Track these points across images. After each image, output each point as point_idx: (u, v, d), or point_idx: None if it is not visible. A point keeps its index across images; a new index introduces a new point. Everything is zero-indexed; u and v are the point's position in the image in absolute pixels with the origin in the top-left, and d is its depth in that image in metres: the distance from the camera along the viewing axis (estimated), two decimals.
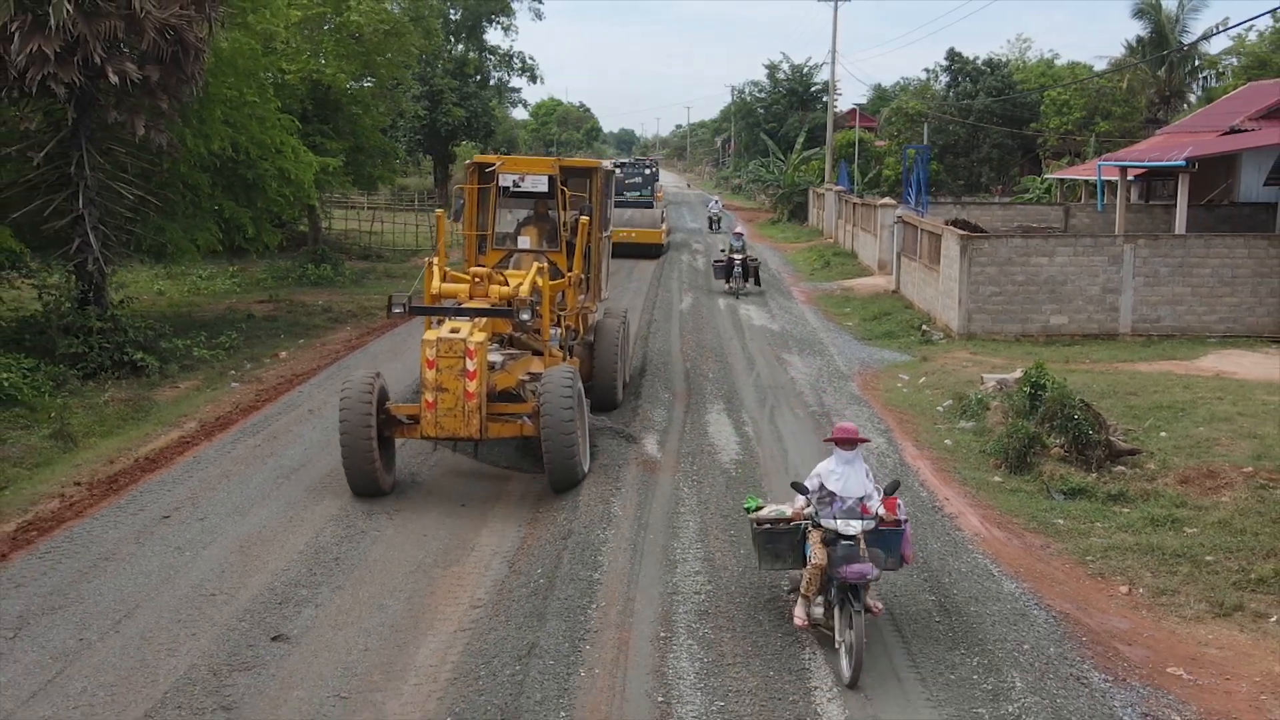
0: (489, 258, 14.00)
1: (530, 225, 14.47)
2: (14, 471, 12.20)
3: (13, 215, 17.61)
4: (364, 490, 10.71)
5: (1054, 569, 9.58)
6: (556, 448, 10.57)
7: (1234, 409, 14.48)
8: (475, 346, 10.48)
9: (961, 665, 7.30)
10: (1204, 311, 20.63)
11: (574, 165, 14.92)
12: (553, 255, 13.78)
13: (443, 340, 10.49)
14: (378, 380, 10.90)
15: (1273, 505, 10.89)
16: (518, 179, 13.87)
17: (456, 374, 10.45)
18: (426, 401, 10.52)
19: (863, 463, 8.04)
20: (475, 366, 10.45)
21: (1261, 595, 8.94)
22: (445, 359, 10.45)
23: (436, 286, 11.86)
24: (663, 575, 8.93)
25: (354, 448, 10.47)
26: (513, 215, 14.97)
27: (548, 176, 13.83)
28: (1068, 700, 6.95)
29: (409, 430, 11.01)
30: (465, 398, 10.46)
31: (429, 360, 10.47)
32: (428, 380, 10.52)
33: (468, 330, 10.70)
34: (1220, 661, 7.90)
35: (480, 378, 10.50)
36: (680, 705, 6.90)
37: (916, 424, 14.50)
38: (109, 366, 17.08)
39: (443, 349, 10.45)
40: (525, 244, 14.08)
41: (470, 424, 10.54)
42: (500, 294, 11.68)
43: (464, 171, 14.67)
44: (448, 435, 10.68)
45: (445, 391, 10.47)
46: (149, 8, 16.43)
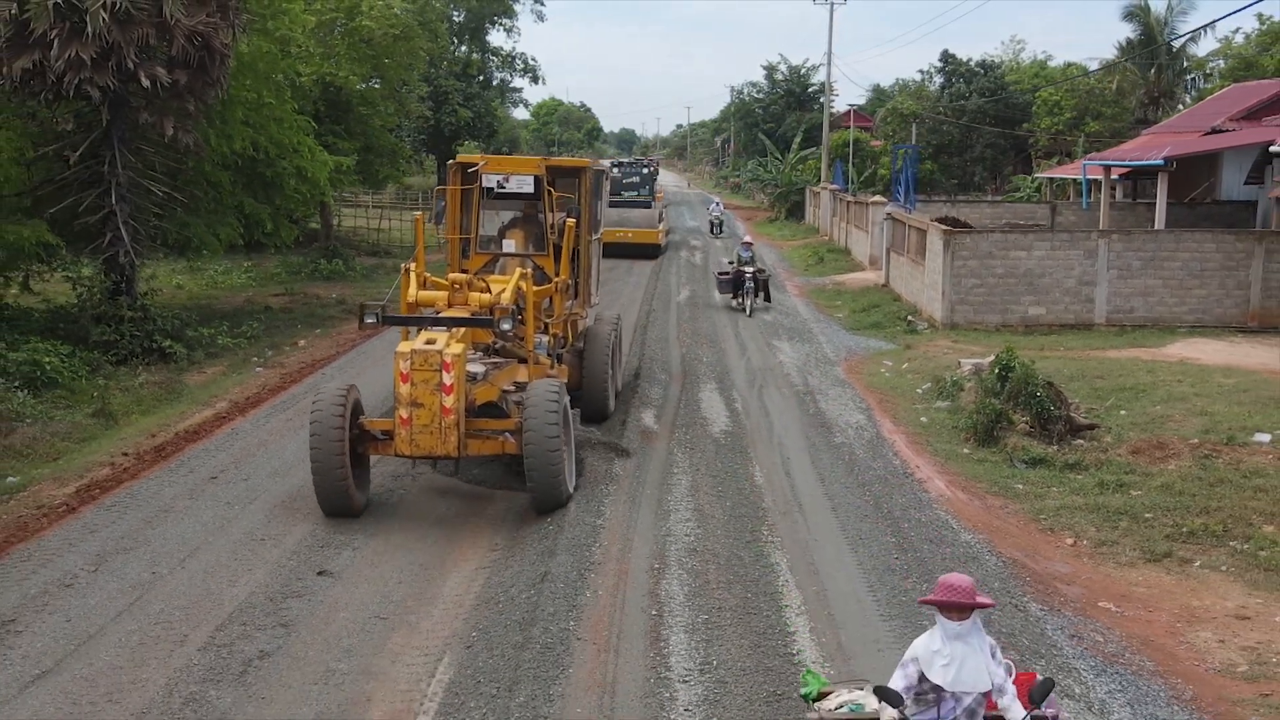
0: (473, 262, 13.41)
1: (516, 228, 13.92)
2: (63, 445, 13.31)
3: (49, 211, 18.73)
4: (334, 510, 10.17)
5: (1009, 524, 10.70)
6: (540, 466, 9.95)
7: (1191, 390, 15.60)
8: (452, 359, 9.85)
9: (912, 590, 8.45)
10: (1174, 303, 21.74)
11: (562, 165, 14.26)
12: (539, 259, 13.27)
13: (417, 352, 9.88)
14: (351, 393, 10.33)
15: (1212, 472, 12.01)
16: (502, 180, 13.19)
17: (432, 388, 9.81)
18: (400, 417, 9.91)
19: (985, 636, 5.22)
20: (452, 380, 9.85)
21: (1190, 545, 10.05)
22: (420, 372, 9.82)
23: (413, 294, 11.18)
24: (657, 522, 10.16)
25: (325, 464, 9.88)
26: (498, 217, 14.38)
27: (534, 177, 13.14)
28: (1005, 623, 8.08)
29: (384, 447, 10.37)
30: (441, 413, 9.83)
31: (403, 374, 9.84)
32: (401, 395, 9.89)
33: (444, 341, 10.07)
34: (1145, 598, 9.02)
35: (458, 392, 9.89)
36: (671, 617, 8.10)
37: (896, 404, 15.62)
38: (139, 353, 18.17)
39: (417, 361, 9.83)
40: (510, 248, 13.56)
41: (447, 441, 9.90)
42: (481, 302, 11.05)
43: (447, 171, 14.10)
44: (423, 453, 10.05)
45: (420, 407, 9.85)
46: (179, 15, 17.51)
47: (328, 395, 10.21)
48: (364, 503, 10.45)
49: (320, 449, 9.87)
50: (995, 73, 57.00)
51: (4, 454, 12.61)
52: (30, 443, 13.13)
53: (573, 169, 14.26)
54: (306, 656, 7.59)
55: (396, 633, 7.95)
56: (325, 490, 10.02)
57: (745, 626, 7.89)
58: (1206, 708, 7.14)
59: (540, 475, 10.01)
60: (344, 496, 10.07)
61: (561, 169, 13.99)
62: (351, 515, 10.19)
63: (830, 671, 7.08)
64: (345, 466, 9.95)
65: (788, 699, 6.69)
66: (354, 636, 7.90)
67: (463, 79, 54.48)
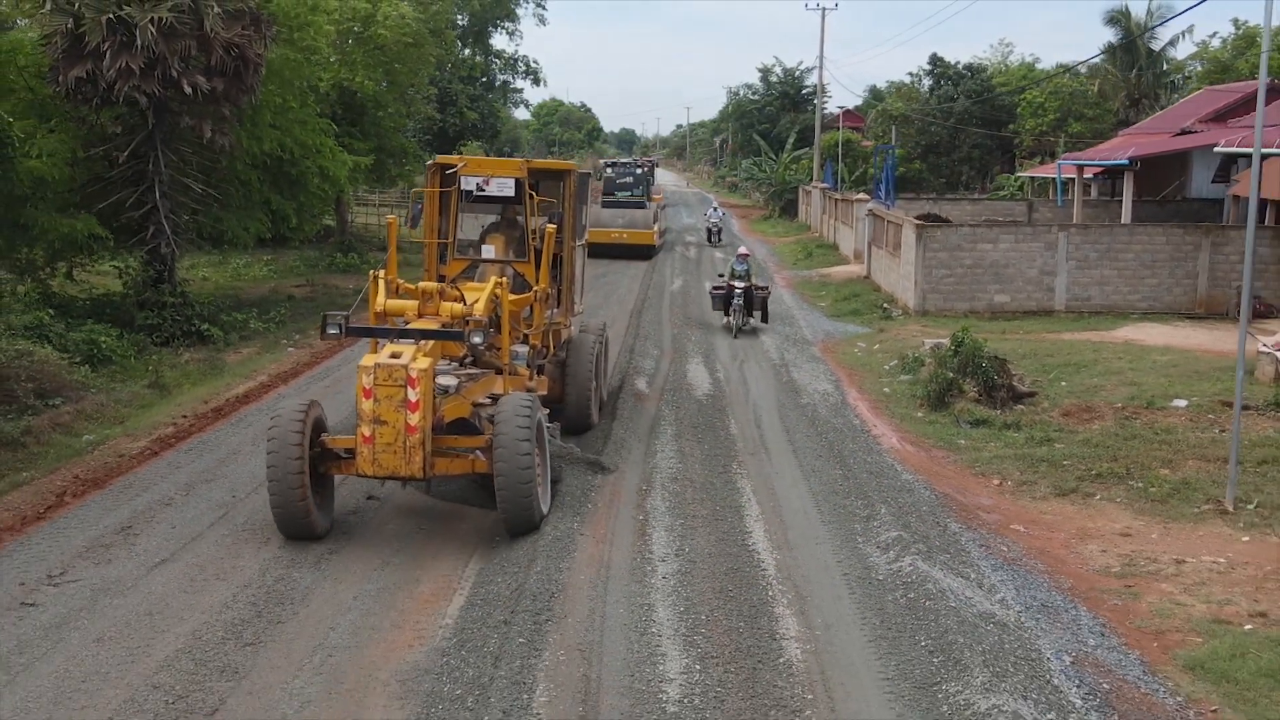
0: (450, 268, 13.07)
1: (496, 233, 13.35)
2: (125, 411, 15.19)
3: (97, 207, 20.59)
4: (294, 533, 9.70)
5: (946, 469, 12.57)
6: (510, 485, 9.47)
7: (1127, 365, 17.47)
8: (418, 374, 9.33)
9: (850, 507, 10.37)
10: (1128, 291, 23.60)
11: (545, 167, 13.85)
12: (520, 266, 12.76)
13: (381, 366, 9.35)
14: (311, 410, 9.82)
15: (1129, 430, 13.88)
16: (482, 182, 12.69)
17: (396, 405, 9.29)
18: (363, 435, 9.40)
19: None
20: (418, 396, 9.32)
21: (1095, 484, 11.91)
22: (384, 387, 9.30)
23: (381, 304, 10.63)
24: (645, 459, 12.15)
25: (283, 484, 9.38)
26: (478, 221, 13.89)
27: (514, 180, 12.64)
28: (924, 532, 9.94)
29: (347, 466, 9.84)
30: (406, 432, 9.32)
31: (365, 389, 9.34)
32: (364, 411, 9.39)
33: (410, 355, 9.55)
34: (1050, 522, 10.88)
35: (424, 409, 9.36)
36: (654, 521, 10.16)
37: (863, 378, 17.49)
38: (179, 336, 20.04)
39: (380, 376, 9.31)
40: (490, 253, 13.04)
41: (412, 461, 9.38)
42: (453, 312, 10.51)
43: (424, 173, 13.50)
44: (386, 474, 9.54)
45: (384, 424, 9.34)
46: (218, 29, 19.37)
47: (286, 413, 9.67)
48: (327, 525, 9.94)
49: (277, 468, 9.36)
50: (981, 75, 58.88)
51: (77, 417, 14.48)
52: (98, 409, 15.00)
53: (556, 171, 13.84)
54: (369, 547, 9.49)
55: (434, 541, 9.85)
56: (284, 513, 9.51)
57: (712, 528, 9.89)
58: (1078, 593, 9.01)
59: (511, 495, 9.51)
60: (304, 519, 9.55)
61: (545, 171, 13.63)
62: (312, 538, 9.71)
63: (777, 557, 9.02)
64: (305, 487, 9.44)
65: (742, 573, 8.63)
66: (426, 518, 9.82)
67: (467, 81, 56.32)
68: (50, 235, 19.48)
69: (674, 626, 8.00)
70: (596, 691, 7.07)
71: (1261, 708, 7.19)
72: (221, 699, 7.01)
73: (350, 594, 8.71)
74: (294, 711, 6.85)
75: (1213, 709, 7.18)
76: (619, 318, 22.68)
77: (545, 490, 10.23)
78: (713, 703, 6.82)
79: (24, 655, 7.53)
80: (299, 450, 9.42)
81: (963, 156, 56.54)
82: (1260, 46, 39.52)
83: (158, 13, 18.68)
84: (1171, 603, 8.88)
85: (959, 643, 7.50)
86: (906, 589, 8.48)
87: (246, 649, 7.69)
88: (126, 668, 7.40)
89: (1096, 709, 6.89)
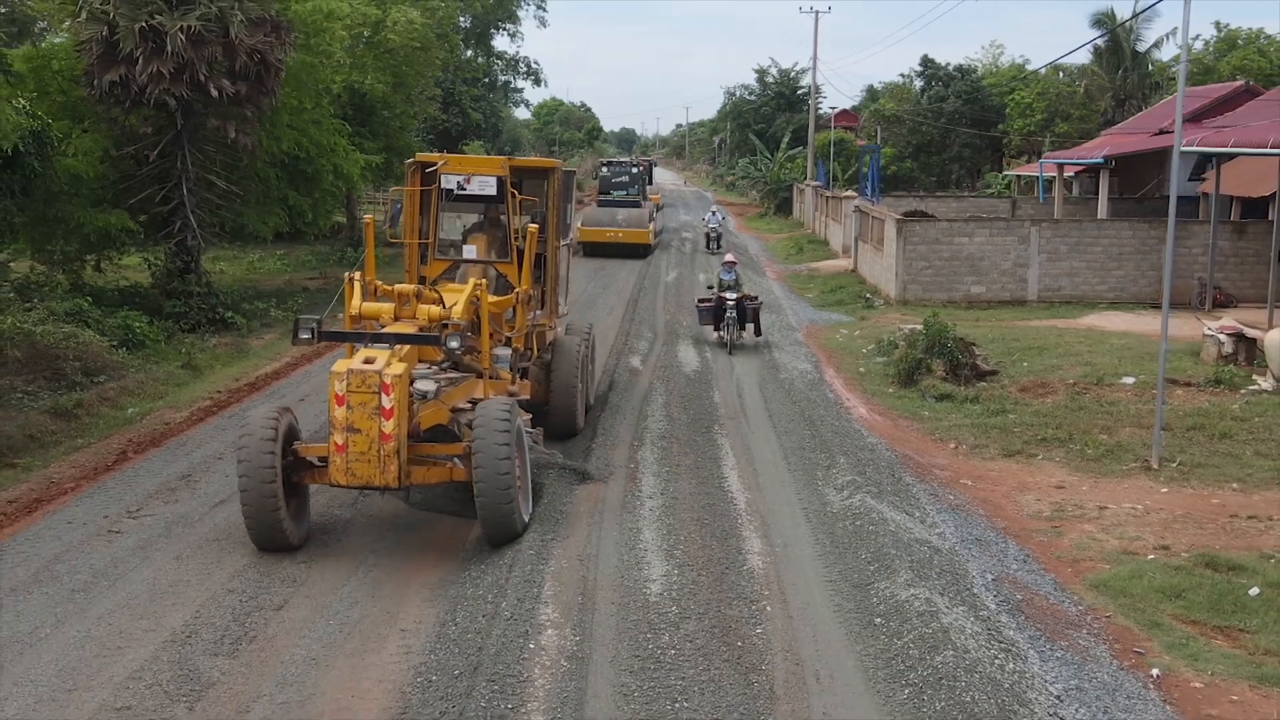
0: (431, 269, 12.89)
1: (478, 233, 13.11)
2: (163, 388, 16.61)
3: (129, 203, 22.02)
4: (268, 545, 9.39)
5: (908, 435, 14.01)
6: (490, 493, 9.17)
7: (1085, 348, 18.89)
8: (392, 380, 9.02)
9: (814, 458, 11.88)
10: (1096, 282, 25.03)
11: (528, 165, 13.65)
12: (503, 267, 12.55)
13: (354, 372, 9.04)
14: (284, 417, 9.54)
15: (1078, 402, 15.32)
16: (463, 180, 12.38)
17: (370, 412, 8.98)
18: (335, 444, 9.08)
19: None
20: (392, 403, 9.00)
21: (1039, 447, 13.34)
22: (357, 394, 8.99)
23: (356, 307, 10.30)
24: (638, 421, 13.68)
25: (255, 496, 9.10)
26: (460, 221, 13.66)
27: (496, 178, 12.35)
28: (879, 480, 11.38)
29: (322, 475, 9.50)
30: (380, 440, 9.01)
31: (338, 396, 9.05)
32: (337, 419, 9.08)
33: (385, 360, 9.22)
34: (995, 478, 12.31)
35: (398, 416, 9.05)
36: (643, 468, 11.74)
37: (841, 359, 18.93)
38: (204, 323, 21.46)
39: (354, 383, 9.00)
40: (471, 254, 12.82)
41: (386, 470, 9.06)
42: (431, 315, 10.13)
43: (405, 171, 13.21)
44: (360, 483, 9.21)
45: (357, 433, 9.02)
46: (242, 36, 20.77)
47: (256, 420, 9.39)
48: (304, 535, 9.72)
49: (249, 478, 9.09)
50: (972, 77, 60.32)
51: (121, 393, 15.91)
52: (138, 386, 16.43)
53: (540, 169, 13.56)
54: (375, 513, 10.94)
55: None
56: (257, 524, 9.24)
57: (693, 473, 11.46)
58: (1010, 532, 10.43)
59: (490, 504, 9.21)
60: (277, 530, 9.28)
61: (528, 169, 13.39)
62: (287, 549, 9.43)
63: (747, 496, 10.51)
64: (278, 497, 9.16)
65: (716, 507, 10.12)
66: None
67: (470, 83, 57.73)
68: (86, 229, 20.95)
69: (657, 544, 9.49)
70: (593, 588, 8.58)
71: (1148, 614, 8.61)
72: (285, 599, 8.53)
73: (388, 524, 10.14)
74: (345, 608, 8.32)
75: (1107, 615, 8.60)
76: (617, 306, 24.15)
77: (526, 498, 9.95)
78: (686, 595, 8.29)
79: (118, 568, 9.02)
80: (271, 458, 9.14)
81: (953, 155, 57.96)
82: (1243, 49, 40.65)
83: (187, 21, 20.10)
84: (1089, 539, 10.31)
85: (893, 555, 8.95)
86: (855, 519, 9.95)
87: (300, 564, 9.23)
88: (205, 578, 8.88)
89: (1007, 612, 8.31)
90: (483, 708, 6.63)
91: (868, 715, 6.57)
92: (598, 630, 7.79)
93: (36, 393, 15.34)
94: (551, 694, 6.87)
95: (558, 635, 7.64)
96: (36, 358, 16.39)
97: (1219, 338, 17.56)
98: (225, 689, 7.03)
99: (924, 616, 7.64)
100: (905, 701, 6.64)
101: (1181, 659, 7.85)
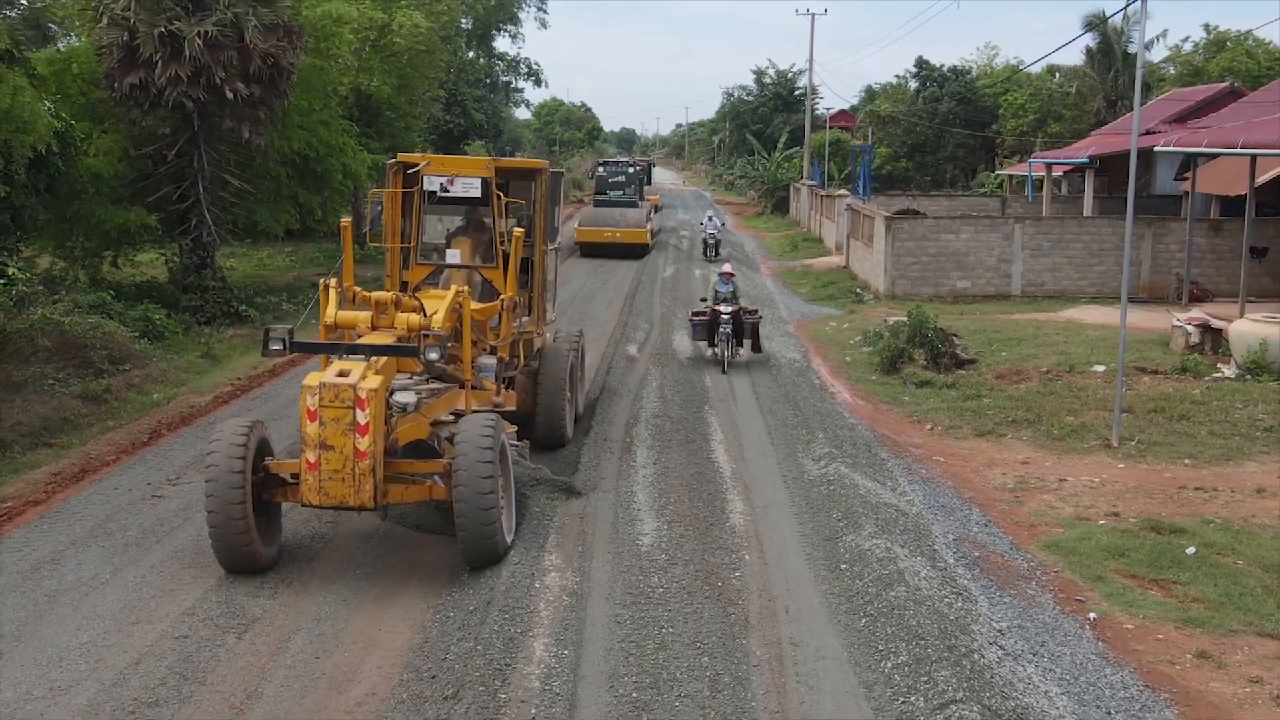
0: (413, 274, 12.52)
1: (462, 237, 12.76)
2: (185, 376, 17.54)
3: (147, 200, 22.96)
4: (235, 566, 8.98)
5: (888, 417, 14.94)
6: (471, 514, 8.71)
7: (1061, 339, 19.82)
8: (368, 394, 8.57)
9: (796, 434, 12.84)
10: (1078, 277, 25.96)
11: (514, 166, 13.45)
12: (488, 272, 12.25)
13: (327, 386, 8.60)
14: (255, 431, 9.11)
15: (1050, 388, 16.24)
16: (446, 182, 11.99)
17: (344, 428, 8.55)
18: (307, 461, 8.66)
19: None
20: (368, 419, 8.56)
21: (1009, 428, 14.27)
22: (330, 409, 8.55)
23: (331, 315, 9.95)
24: (633, 403, 14.65)
25: (222, 514, 8.69)
26: (443, 224, 13.31)
27: (481, 180, 11.94)
28: (855, 454, 12.32)
29: (294, 492, 9.04)
30: (355, 458, 8.56)
31: (310, 411, 8.61)
32: (309, 435, 8.66)
33: (360, 373, 8.76)
34: (966, 455, 13.23)
35: (374, 432, 8.61)
36: (638, 443, 12.76)
37: (829, 349, 19.86)
38: (220, 316, 22.40)
39: (326, 397, 8.57)
40: (455, 258, 12.46)
41: (362, 490, 8.63)
42: (410, 324, 9.73)
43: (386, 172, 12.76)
44: (334, 503, 8.77)
45: (330, 450, 8.58)
46: (256, 40, 21.69)
47: (226, 434, 8.96)
48: (273, 557, 9.24)
49: (217, 497, 8.69)
50: (965, 78, 61.28)
51: (145, 380, 16.84)
52: (161, 374, 17.36)
53: (527, 170, 13.23)
54: None
55: None
56: (224, 544, 8.81)
57: (684, 447, 12.45)
58: (975, 501, 11.35)
59: (471, 525, 8.75)
60: (246, 551, 8.86)
61: (514, 171, 13.15)
62: (256, 571, 9.02)
63: (733, 466, 11.48)
64: (247, 517, 8.76)
65: (704, 475, 11.07)
66: None
67: (473, 85, 58.68)
68: (106, 225, 21.88)
69: (649, 505, 10.48)
70: (591, 540, 9.61)
71: (1093, 570, 9.54)
72: (315, 554, 9.54)
73: None
74: (370, 560, 9.25)
75: (1056, 570, 9.52)
76: (615, 300, 25.10)
77: (510, 518, 9.47)
78: (674, 546, 9.27)
79: (164, 526, 10.00)
80: (240, 476, 8.74)
81: (948, 155, 58.92)
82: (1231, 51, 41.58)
83: (204, 26, 21.04)
84: (1047, 507, 11.24)
85: (862, 514, 9.92)
86: (829, 485, 10.92)
87: (328, 524, 10.19)
88: None
89: (963, 565, 9.24)
90: (495, 632, 7.61)
91: (828, 640, 7.54)
92: (595, 573, 8.78)
93: (66, 379, 16.27)
94: (554, 622, 7.89)
95: (560, 577, 8.64)
96: (65, 347, 17.33)
97: (1187, 328, 18.49)
98: (268, 623, 8.00)
99: (884, 562, 8.60)
100: (861, 629, 7.61)
101: (1118, 606, 8.77)
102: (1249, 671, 7.63)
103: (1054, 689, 7.04)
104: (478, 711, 6.69)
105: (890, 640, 7.32)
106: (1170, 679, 7.52)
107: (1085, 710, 6.88)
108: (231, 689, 7.12)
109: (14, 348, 16.67)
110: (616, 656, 7.39)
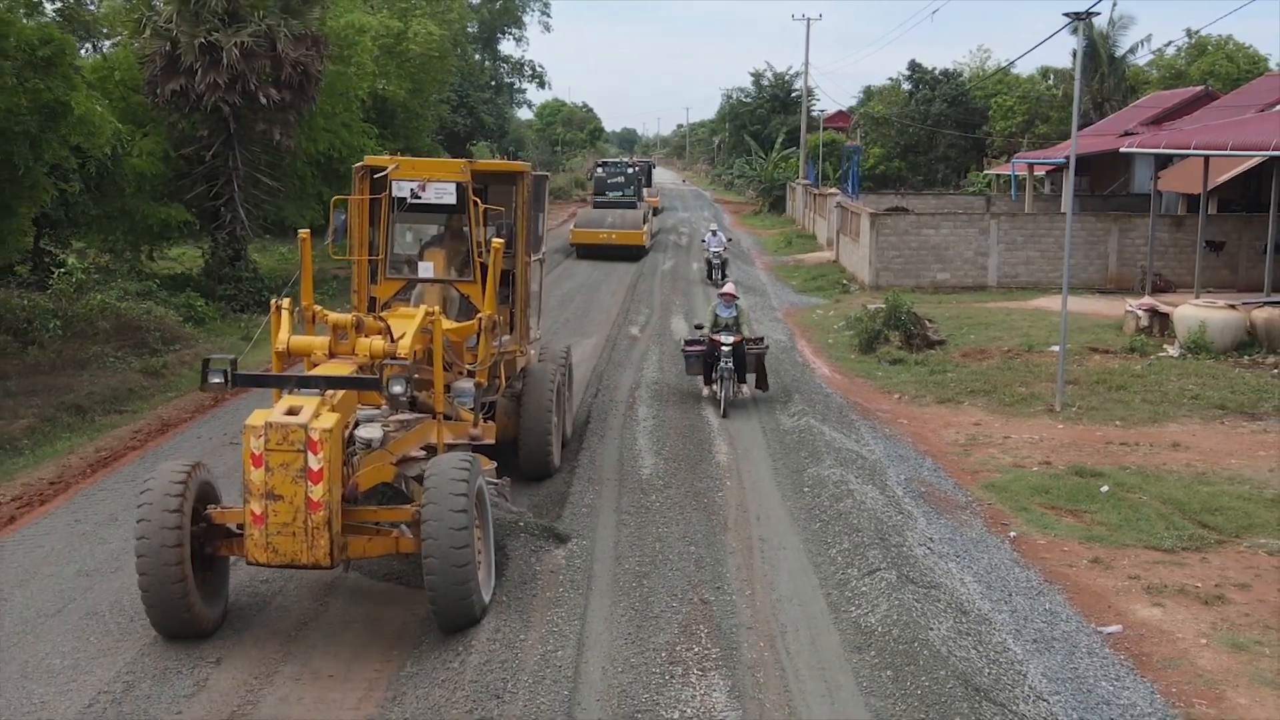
0: (382, 289, 11.28)
1: (436, 248, 11.46)
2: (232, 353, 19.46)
3: (185, 198, 24.86)
4: (171, 630, 7.89)
5: (860, 389, 16.82)
6: (441, 570, 7.63)
7: (1026, 324, 21.70)
8: (321, 435, 7.50)
9: (777, 398, 14.67)
10: (1049, 270, 27.81)
11: (493, 170, 12.33)
12: (465, 286, 11.05)
13: (274, 426, 7.54)
14: (195, 474, 8.02)
15: (1008, 365, 18.11)
16: (417, 188, 10.68)
17: (294, 475, 7.49)
18: (253, 514, 7.59)
19: None
20: (321, 464, 7.48)
21: (967, 396, 16.15)
22: (277, 453, 7.49)
23: (283, 341, 8.86)
24: (634, 375, 16.57)
25: (155, 574, 7.61)
26: (413, 234, 12.04)
27: (456, 184, 10.65)
28: (826, 413, 14.22)
29: (240, 545, 7.87)
30: (307, 509, 7.50)
31: (254, 455, 7.54)
32: (253, 483, 7.58)
33: (312, 410, 7.66)
34: (926, 418, 15.12)
35: (329, 479, 7.53)
36: (639, 402, 14.67)
37: (813, 334, 21.76)
38: (252, 304, 24.27)
39: (273, 439, 7.51)
40: (428, 271, 11.19)
41: (316, 546, 7.54)
42: (373, 351, 8.65)
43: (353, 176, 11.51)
44: (284, 561, 7.65)
45: (279, 500, 7.52)
46: (287, 50, 23.60)
47: (160, 480, 7.86)
48: (217, 619, 8.14)
49: (148, 556, 7.60)
50: (957, 80, 63.21)
51: (196, 359, 18.69)
52: (209, 353, 19.21)
53: (507, 174, 12.11)
54: None
55: None
56: (158, 607, 7.73)
57: (678, 406, 14.46)
58: (929, 453, 13.23)
59: (442, 583, 7.66)
60: (183, 612, 7.76)
61: (493, 174, 12.05)
62: (197, 635, 7.91)
63: (718, 421, 13.43)
64: (186, 579, 7.67)
65: (695, 427, 13.03)
66: None
67: (480, 88, 60.60)
68: (150, 221, 23.78)
69: (648, 447, 12.49)
70: (601, 473, 11.61)
71: (1020, 503, 11.41)
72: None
73: None
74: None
75: (989, 503, 11.41)
76: (618, 290, 26.99)
77: (489, 572, 8.35)
78: (668, 475, 11.29)
79: (238, 472, 11.78)
80: (177, 532, 7.63)
81: (939, 155, 60.84)
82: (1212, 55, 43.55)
83: (240, 37, 22.95)
84: (990, 458, 13.12)
85: (825, 453, 11.88)
86: (801, 433, 12.88)
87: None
88: None
89: (909, 496, 11.12)
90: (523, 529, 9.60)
91: (789, 537, 9.52)
92: (604, 495, 10.77)
93: (125, 357, 18.18)
94: (571, 525, 9.89)
95: (575, 498, 10.53)
96: (122, 329, 19.28)
97: (1137, 313, 20.36)
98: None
99: (839, 484, 10.61)
100: (816, 530, 9.57)
101: (1036, 528, 10.65)
102: (1130, 571, 9.51)
103: (967, 577, 8.92)
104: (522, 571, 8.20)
105: (836, 535, 9.26)
106: (1066, 576, 9.40)
107: (991, 592, 8.75)
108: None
109: (77, 329, 18.62)
110: (623, 545, 9.33)
